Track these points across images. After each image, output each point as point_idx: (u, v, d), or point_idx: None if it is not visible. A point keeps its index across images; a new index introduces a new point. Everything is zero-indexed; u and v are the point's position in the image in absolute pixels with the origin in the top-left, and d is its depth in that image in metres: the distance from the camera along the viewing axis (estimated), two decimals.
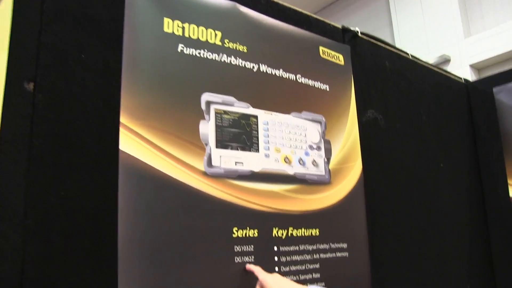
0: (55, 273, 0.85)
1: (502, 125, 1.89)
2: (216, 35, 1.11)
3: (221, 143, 1.06)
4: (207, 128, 1.05)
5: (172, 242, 0.95)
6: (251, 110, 1.13)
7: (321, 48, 1.35)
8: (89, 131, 0.94)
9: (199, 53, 1.08)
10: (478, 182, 1.88)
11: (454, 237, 1.69)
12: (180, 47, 1.05)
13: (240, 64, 1.15)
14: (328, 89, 1.33)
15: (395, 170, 1.55)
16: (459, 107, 1.93)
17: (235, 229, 1.04)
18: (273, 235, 1.10)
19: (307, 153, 1.22)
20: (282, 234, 1.12)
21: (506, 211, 1.81)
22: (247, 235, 1.06)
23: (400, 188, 1.54)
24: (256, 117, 1.14)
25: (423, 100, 1.74)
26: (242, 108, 1.11)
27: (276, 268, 1.09)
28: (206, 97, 1.06)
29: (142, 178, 0.94)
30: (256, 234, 1.07)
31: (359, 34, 1.53)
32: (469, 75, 3.72)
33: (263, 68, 1.19)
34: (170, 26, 1.04)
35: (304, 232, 1.17)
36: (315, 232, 1.19)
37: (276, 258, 1.10)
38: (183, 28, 1.06)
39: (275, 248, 1.10)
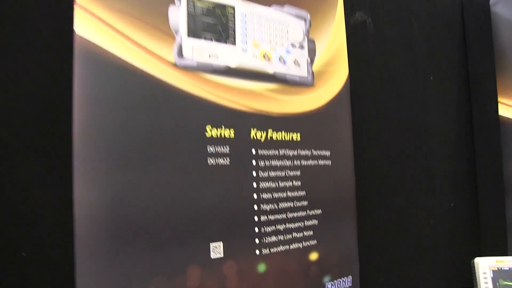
0: (3, 171, 0.76)
1: (496, 40, 1.78)
2: None
3: (193, 32, 0.94)
4: (178, 15, 0.92)
5: (137, 139, 0.85)
6: None
7: None
8: (39, 9, 0.82)
9: None
10: (467, 98, 1.80)
11: (440, 152, 1.63)
12: None
13: None
14: None
15: (383, 78, 1.45)
16: (452, 19, 1.81)
17: (208, 127, 0.94)
18: (251, 137, 1.01)
19: (289, 51, 1.10)
20: (261, 137, 1.03)
21: (494, 129, 1.75)
22: (222, 135, 0.96)
23: (387, 97, 1.45)
24: (233, 8, 1.01)
25: (415, 8, 1.61)
26: None
27: (254, 173, 1.01)
28: None
29: (102, 67, 0.82)
30: (232, 135, 0.98)
31: None
32: None
33: None
34: None
35: (284, 136, 1.08)
36: (296, 136, 1.10)
37: (254, 162, 1.01)
38: None
39: (253, 151, 1.01)
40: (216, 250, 0.93)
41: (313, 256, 1.12)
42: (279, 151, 1.06)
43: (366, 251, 1.33)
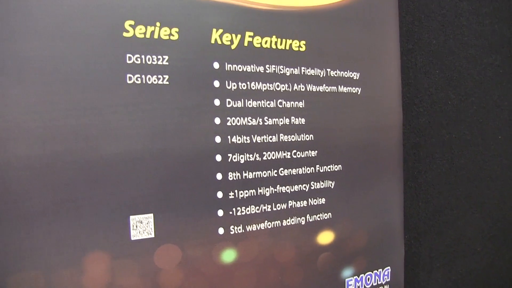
0: None
1: None
2: None
3: None
4: None
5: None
6: None
7: None
8: None
9: None
10: None
11: None
12: None
13: None
14: None
15: None
16: None
17: (128, 23, 0.55)
18: (212, 41, 0.61)
19: None
20: (231, 42, 0.62)
21: None
22: (156, 35, 0.56)
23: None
24: None
25: None
26: None
27: (217, 101, 0.61)
28: None
29: None
30: (175, 36, 0.58)
31: None
32: None
33: None
34: None
35: (276, 43, 0.66)
36: (297, 45, 0.68)
37: (217, 83, 0.61)
38: None
39: (216, 65, 0.61)
40: (141, 227, 0.56)
41: (325, 237, 0.71)
42: (265, 67, 0.65)
43: (415, 229, 0.90)
